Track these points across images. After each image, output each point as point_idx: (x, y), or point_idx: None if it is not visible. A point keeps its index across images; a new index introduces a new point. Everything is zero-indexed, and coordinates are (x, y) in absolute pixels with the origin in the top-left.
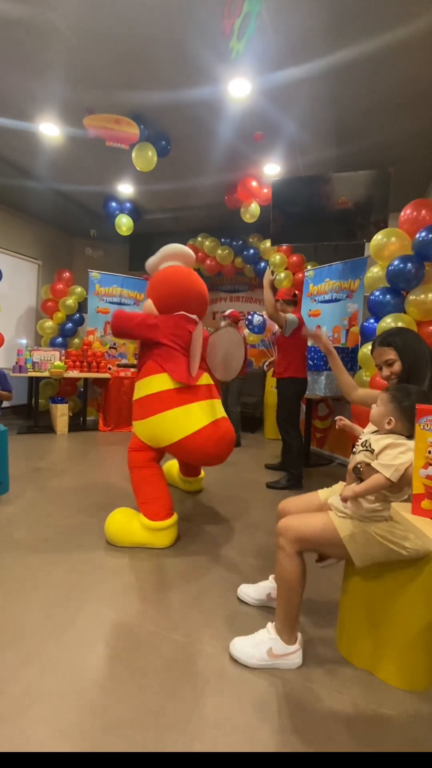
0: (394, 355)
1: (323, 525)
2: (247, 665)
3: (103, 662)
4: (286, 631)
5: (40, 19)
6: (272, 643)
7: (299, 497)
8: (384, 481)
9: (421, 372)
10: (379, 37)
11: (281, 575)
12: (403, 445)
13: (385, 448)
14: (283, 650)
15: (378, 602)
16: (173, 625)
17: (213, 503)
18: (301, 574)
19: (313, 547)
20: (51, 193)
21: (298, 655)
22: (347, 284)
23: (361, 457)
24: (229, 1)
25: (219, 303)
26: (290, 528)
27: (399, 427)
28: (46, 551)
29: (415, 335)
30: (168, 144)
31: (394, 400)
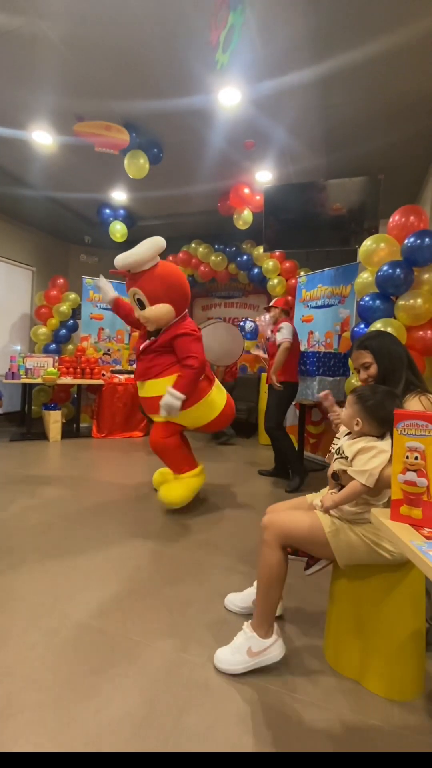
0: (370, 358)
1: (308, 520)
2: (233, 673)
3: (85, 673)
4: (263, 626)
5: (32, 29)
6: (250, 642)
7: (287, 502)
8: (360, 487)
9: (396, 374)
10: (366, 47)
11: (262, 570)
12: (374, 449)
13: (357, 453)
14: (260, 645)
15: (365, 610)
16: (158, 634)
17: (203, 509)
18: (282, 569)
19: (297, 542)
20: (45, 200)
21: (278, 646)
22: (339, 290)
23: (337, 465)
24: (216, 13)
25: (213, 309)
26: (275, 522)
27: (367, 427)
28: (34, 559)
29: (392, 339)
30: (160, 152)
31: (359, 401)
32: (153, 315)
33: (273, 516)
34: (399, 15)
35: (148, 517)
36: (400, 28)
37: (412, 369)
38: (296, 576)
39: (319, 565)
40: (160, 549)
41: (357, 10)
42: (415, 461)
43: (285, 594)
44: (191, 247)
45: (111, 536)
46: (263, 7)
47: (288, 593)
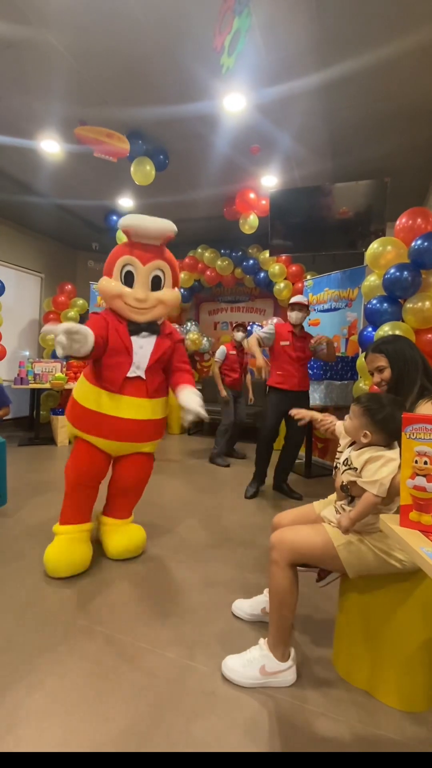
0: (384, 362)
1: (317, 536)
2: (240, 685)
3: (92, 680)
4: (279, 647)
5: (39, 40)
6: (264, 660)
7: (295, 510)
8: (373, 498)
9: (410, 379)
10: (371, 53)
11: (274, 589)
12: (382, 457)
13: (365, 463)
14: (275, 667)
15: (375, 619)
16: (165, 641)
17: (207, 516)
18: (294, 588)
19: (307, 559)
20: (53, 207)
21: (292, 672)
22: (346, 293)
23: (346, 477)
24: (219, 19)
25: (220, 313)
26: (284, 540)
27: (375, 439)
28: (39, 565)
29: (409, 344)
30: (166, 158)
31: (367, 414)
32: (172, 299)
33: (281, 534)
34: (404, 22)
35: (153, 522)
36: (405, 34)
37: (427, 374)
38: (306, 584)
39: (332, 577)
40: (166, 554)
41: (362, 16)
42: (424, 466)
43: None
44: (197, 252)
45: None
46: (268, 14)
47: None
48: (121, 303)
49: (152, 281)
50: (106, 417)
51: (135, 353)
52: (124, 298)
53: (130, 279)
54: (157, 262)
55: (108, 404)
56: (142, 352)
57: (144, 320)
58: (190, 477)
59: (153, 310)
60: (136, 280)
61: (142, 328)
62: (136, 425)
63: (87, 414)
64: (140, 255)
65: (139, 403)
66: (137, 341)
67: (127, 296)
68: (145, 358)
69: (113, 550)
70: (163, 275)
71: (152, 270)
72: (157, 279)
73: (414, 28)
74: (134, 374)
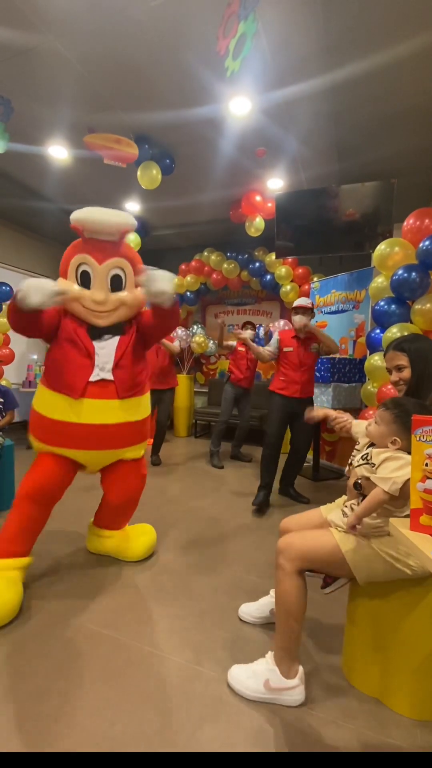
0: (405, 361)
1: (325, 541)
2: (244, 697)
3: (98, 684)
4: (285, 662)
5: (47, 48)
6: (269, 675)
7: (302, 514)
8: (382, 495)
9: (430, 382)
10: (376, 55)
11: (280, 597)
12: (402, 459)
13: (384, 460)
14: (280, 683)
15: (385, 625)
16: (172, 646)
17: (213, 520)
18: (302, 596)
19: (315, 565)
20: (61, 212)
21: (299, 692)
22: (353, 295)
23: (362, 471)
24: (224, 23)
25: (226, 315)
26: (291, 545)
27: (405, 445)
28: (47, 568)
29: (430, 344)
30: (172, 162)
31: (397, 421)
32: (137, 301)
33: (288, 539)
34: (409, 24)
35: (157, 526)
36: (410, 37)
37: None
38: (315, 589)
39: (338, 584)
40: (171, 558)
41: (367, 19)
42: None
43: None
44: (204, 255)
45: None
46: (273, 18)
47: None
48: (79, 306)
49: (112, 281)
50: (68, 425)
51: (97, 354)
52: (82, 301)
53: (87, 279)
54: (116, 260)
55: (69, 411)
56: (105, 353)
57: (106, 324)
58: (195, 480)
59: (115, 312)
60: (93, 281)
61: (105, 332)
62: (106, 430)
63: (48, 424)
64: (95, 253)
65: (108, 405)
66: (99, 344)
67: (85, 299)
68: (110, 357)
69: (137, 551)
70: (123, 274)
71: (110, 269)
72: (117, 278)
73: (419, 30)
74: (98, 377)
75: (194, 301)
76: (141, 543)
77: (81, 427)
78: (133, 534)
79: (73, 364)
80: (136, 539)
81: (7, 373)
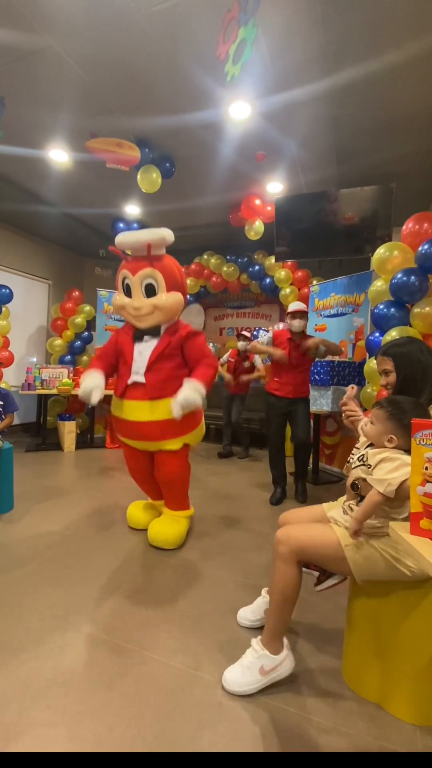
0: (390, 365)
1: (325, 534)
2: (244, 694)
3: (97, 689)
4: (275, 642)
5: (47, 52)
6: (261, 661)
7: (301, 509)
8: (378, 497)
9: (417, 386)
10: (375, 60)
11: (278, 585)
12: (398, 460)
13: (380, 461)
14: (272, 663)
15: (385, 628)
16: (171, 650)
17: (213, 522)
18: (297, 585)
19: (313, 558)
20: (61, 215)
21: (289, 661)
22: (353, 298)
23: (358, 473)
24: (224, 28)
25: (226, 319)
26: (291, 537)
27: (401, 443)
28: (46, 571)
29: (421, 348)
30: (172, 166)
31: (392, 418)
32: (168, 304)
33: (288, 530)
34: (408, 30)
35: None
36: (409, 42)
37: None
38: (312, 591)
39: (332, 581)
40: (174, 562)
41: (366, 25)
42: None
43: (300, 609)
44: (203, 258)
45: (123, 549)
46: (273, 23)
47: (304, 609)
48: (126, 313)
49: (146, 289)
50: (118, 420)
51: (134, 361)
52: (126, 309)
53: (129, 291)
54: (147, 271)
55: (118, 408)
56: (141, 358)
57: (144, 326)
58: (195, 484)
59: (151, 316)
60: (132, 291)
61: (145, 333)
62: (139, 426)
63: (113, 419)
64: (131, 266)
65: (138, 405)
66: (138, 347)
67: (128, 306)
68: (144, 362)
69: (149, 534)
70: (155, 282)
71: (143, 279)
72: (150, 286)
73: (418, 35)
74: (133, 380)
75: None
76: (156, 529)
77: (123, 422)
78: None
79: (120, 370)
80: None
81: (7, 376)
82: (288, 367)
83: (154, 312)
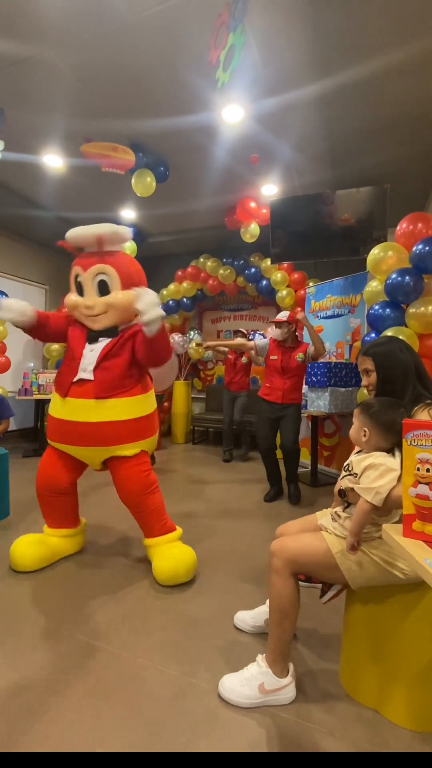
0: (370, 365)
1: (316, 544)
2: (238, 706)
3: (90, 697)
4: (279, 663)
5: (40, 58)
6: (264, 678)
7: (298, 520)
8: (367, 506)
9: (397, 385)
10: (368, 63)
11: (274, 600)
12: (382, 466)
13: (365, 469)
14: (274, 684)
15: (381, 633)
16: (166, 657)
17: (209, 527)
18: (295, 598)
19: (307, 568)
20: (57, 220)
21: (291, 689)
22: (349, 299)
23: (345, 483)
24: (215, 33)
25: (223, 321)
26: (284, 548)
27: (374, 438)
28: (40, 578)
29: (401, 347)
30: (166, 170)
31: (362, 410)
32: (122, 302)
33: (281, 541)
34: (400, 32)
35: None
36: (401, 44)
37: (421, 380)
38: (312, 597)
39: (334, 590)
40: None
41: (358, 28)
42: (426, 473)
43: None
44: (200, 261)
45: (118, 553)
46: (263, 27)
47: (302, 614)
48: (78, 313)
49: (98, 286)
50: (58, 421)
51: (84, 357)
52: (79, 308)
53: (81, 289)
54: (98, 267)
55: (59, 408)
56: (91, 354)
57: (98, 327)
58: (192, 488)
59: (105, 316)
60: (84, 289)
61: (100, 334)
62: (85, 428)
63: (50, 421)
64: (83, 262)
65: (85, 404)
66: (89, 347)
67: (80, 305)
68: (94, 358)
69: (156, 574)
70: (108, 278)
71: (94, 275)
72: (103, 283)
73: (410, 38)
74: (79, 377)
75: (191, 307)
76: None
77: (66, 424)
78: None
79: (65, 366)
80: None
81: (3, 381)
82: (277, 372)
83: (108, 311)
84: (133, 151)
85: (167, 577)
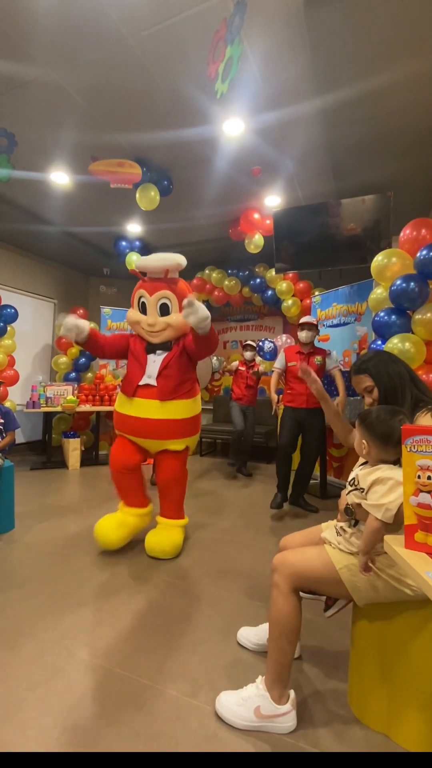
0: (370, 381)
1: (320, 558)
2: (233, 726)
3: (89, 719)
4: (277, 687)
5: (44, 79)
6: (260, 701)
7: (301, 532)
8: (377, 523)
9: (399, 393)
10: (368, 77)
11: (274, 616)
12: (390, 480)
13: (372, 484)
14: (272, 710)
15: (390, 652)
16: (167, 677)
17: (216, 541)
18: (296, 616)
19: (310, 583)
20: (64, 235)
21: (291, 717)
22: (355, 307)
23: (351, 498)
24: (213, 48)
25: (229, 332)
26: (286, 562)
27: (374, 452)
28: (44, 593)
29: (389, 357)
30: (170, 183)
31: (360, 422)
32: (178, 322)
33: (284, 555)
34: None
35: None
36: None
37: (416, 384)
38: (315, 611)
39: (339, 604)
40: (170, 581)
41: (357, 43)
42: (427, 481)
43: (304, 631)
44: (205, 273)
45: (123, 570)
46: (263, 43)
47: (308, 631)
48: (139, 328)
49: (160, 308)
50: (126, 416)
51: (148, 366)
52: (141, 324)
53: (144, 308)
54: (162, 292)
55: (127, 406)
56: (154, 365)
57: (156, 341)
58: (200, 500)
59: (163, 332)
60: (147, 309)
61: (157, 347)
62: (147, 423)
63: (118, 416)
64: (148, 287)
65: (150, 404)
66: (152, 357)
67: (142, 322)
68: (157, 367)
69: (147, 545)
70: (170, 302)
71: (158, 299)
72: (165, 306)
73: (411, 52)
74: (145, 382)
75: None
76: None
77: (133, 419)
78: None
79: (131, 372)
80: (157, 533)
81: (12, 395)
82: (298, 378)
83: (166, 329)
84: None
85: (151, 547)
